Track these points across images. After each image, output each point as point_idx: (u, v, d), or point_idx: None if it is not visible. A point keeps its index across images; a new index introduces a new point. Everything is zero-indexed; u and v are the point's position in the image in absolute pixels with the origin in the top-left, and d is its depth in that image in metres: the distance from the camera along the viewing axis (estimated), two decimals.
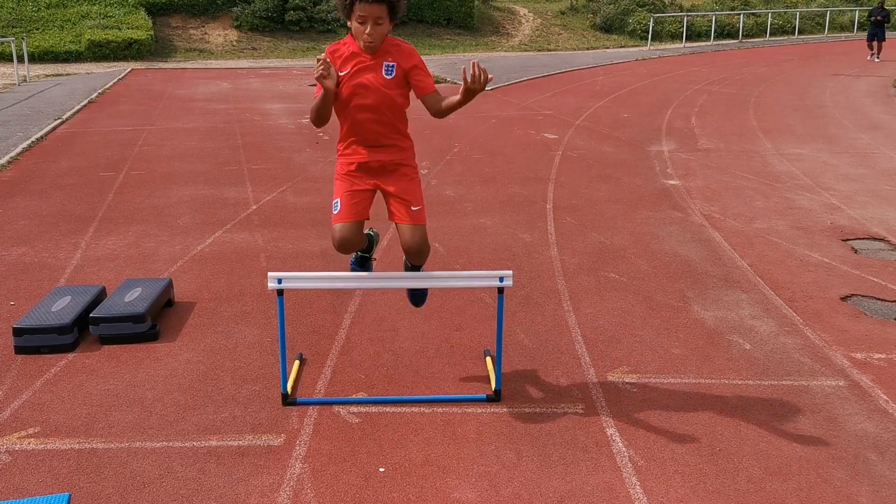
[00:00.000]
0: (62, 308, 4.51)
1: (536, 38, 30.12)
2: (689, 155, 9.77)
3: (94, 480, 3.18)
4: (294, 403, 3.77)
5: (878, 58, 22.76)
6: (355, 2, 3.47)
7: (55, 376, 4.07)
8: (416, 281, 3.85)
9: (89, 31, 23.79)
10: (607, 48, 29.01)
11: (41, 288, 5.29)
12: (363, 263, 4.11)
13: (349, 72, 3.66)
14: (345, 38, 3.76)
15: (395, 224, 3.83)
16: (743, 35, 32.18)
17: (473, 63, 3.38)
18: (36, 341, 4.29)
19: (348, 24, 3.65)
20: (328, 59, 3.53)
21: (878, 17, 22.43)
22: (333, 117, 3.85)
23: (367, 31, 3.52)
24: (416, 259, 3.88)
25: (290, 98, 15.45)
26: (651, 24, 29.45)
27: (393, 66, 3.64)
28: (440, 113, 3.69)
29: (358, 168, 3.84)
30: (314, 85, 3.65)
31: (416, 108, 3.97)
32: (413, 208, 3.78)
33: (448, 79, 18.77)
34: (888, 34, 24.76)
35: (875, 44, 22.71)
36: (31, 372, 4.11)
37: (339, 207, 3.78)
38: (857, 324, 4.70)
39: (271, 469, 3.26)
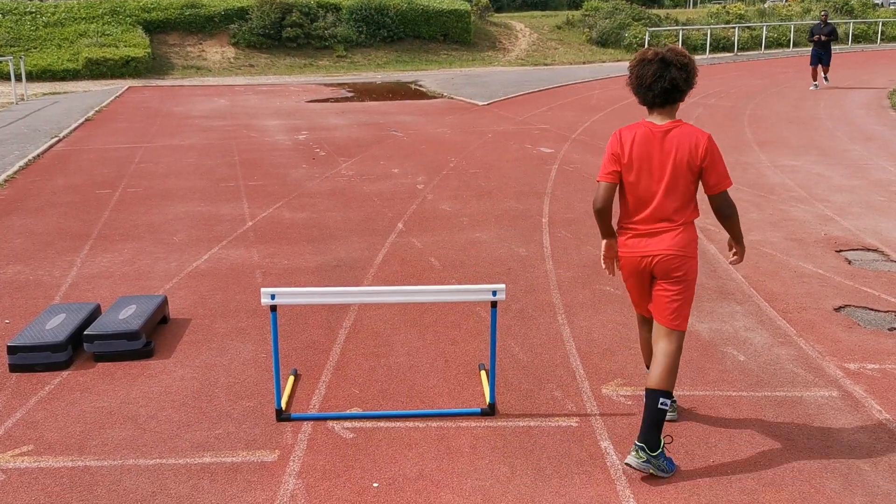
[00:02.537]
0: (56, 326, 4.52)
1: (533, 53, 30.27)
2: None
3: (88, 498, 3.18)
4: (288, 419, 3.77)
5: (826, 79, 18.76)
6: None
7: (49, 394, 4.07)
8: (409, 296, 3.86)
9: (87, 49, 23.89)
10: (603, 62, 29.15)
11: (36, 306, 5.30)
12: None
13: None
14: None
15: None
16: (738, 48, 32.35)
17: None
18: (30, 359, 4.29)
19: None
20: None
21: (822, 36, 18.18)
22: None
23: None
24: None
25: (287, 115, 15.51)
26: (647, 38, 29.61)
27: None
28: None
29: None
30: None
31: (414, 122, 3.98)
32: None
33: (445, 94, 18.85)
34: (835, 49, 20.53)
35: (820, 68, 18.58)
36: (25, 390, 4.11)
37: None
38: (850, 334, 4.71)
39: (265, 485, 3.26)
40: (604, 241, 3.55)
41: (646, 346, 3.72)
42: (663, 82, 3.34)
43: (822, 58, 18.48)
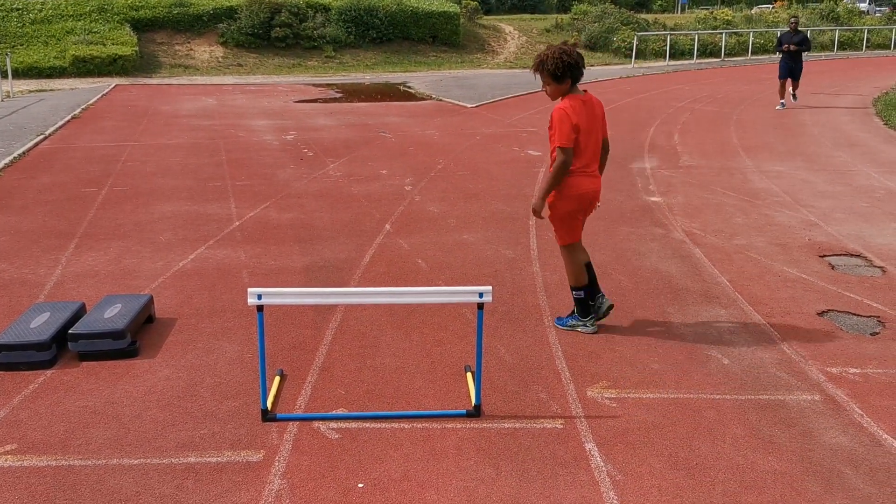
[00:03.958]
0: (41, 324, 4.50)
1: (521, 56, 30.35)
2: (671, 172, 9.86)
3: (71, 498, 3.16)
4: (274, 419, 3.77)
5: (794, 96, 16.33)
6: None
7: (33, 393, 4.05)
8: (395, 297, 3.87)
9: (74, 46, 23.76)
10: (592, 66, 29.25)
11: (20, 304, 5.27)
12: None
13: None
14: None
15: None
16: (725, 54, 32.56)
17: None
18: (14, 358, 4.27)
19: None
20: None
21: (792, 46, 15.68)
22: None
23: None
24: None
25: (276, 114, 15.48)
26: (635, 43, 29.75)
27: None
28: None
29: None
30: None
31: (403, 124, 3.99)
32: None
33: (433, 96, 18.87)
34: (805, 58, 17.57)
35: (789, 83, 16.12)
36: (9, 389, 4.09)
37: None
38: (833, 339, 4.75)
39: (250, 485, 3.25)
40: (553, 192, 4.61)
41: (581, 264, 4.81)
42: (584, 64, 4.60)
43: (792, 71, 15.91)
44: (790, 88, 16.16)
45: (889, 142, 12.39)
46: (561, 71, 4.48)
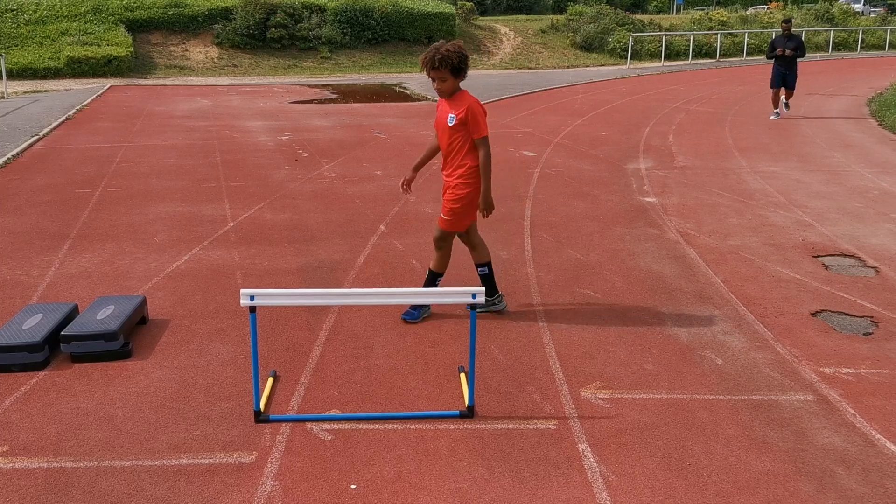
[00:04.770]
0: (33, 326, 4.48)
1: (517, 57, 30.36)
2: (666, 172, 9.87)
3: (63, 500, 3.15)
4: (266, 421, 3.76)
5: (787, 105, 15.11)
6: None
7: (25, 395, 4.03)
8: (389, 297, 3.86)
9: (69, 47, 23.71)
10: (587, 67, 29.28)
11: (13, 306, 5.25)
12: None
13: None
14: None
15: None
16: (720, 55, 32.62)
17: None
18: (6, 359, 4.25)
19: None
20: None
21: (789, 49, 14.30)
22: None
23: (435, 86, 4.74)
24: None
25: (271, 115, 15.46)
26: (630, 44, 29.79)
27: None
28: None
29: None
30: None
31: (398, 125, 3.99)
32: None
33: (429, 97, 18.87)
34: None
35: (783, 91, 14.78)
36: (1, 390, 4.07)
37: None
38: (826, 339, 4.76)
39: (242, 487, 3.25)
40: (471, 184, 4.85)
41: (449, 251, 5.05)
42: None
43: (786, 78, 14.50)
44: (783, 97, 15.05)
45: (883, 142, 12.42)
46: (464, 65, 4.63)
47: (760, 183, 9.25)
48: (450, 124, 4.72)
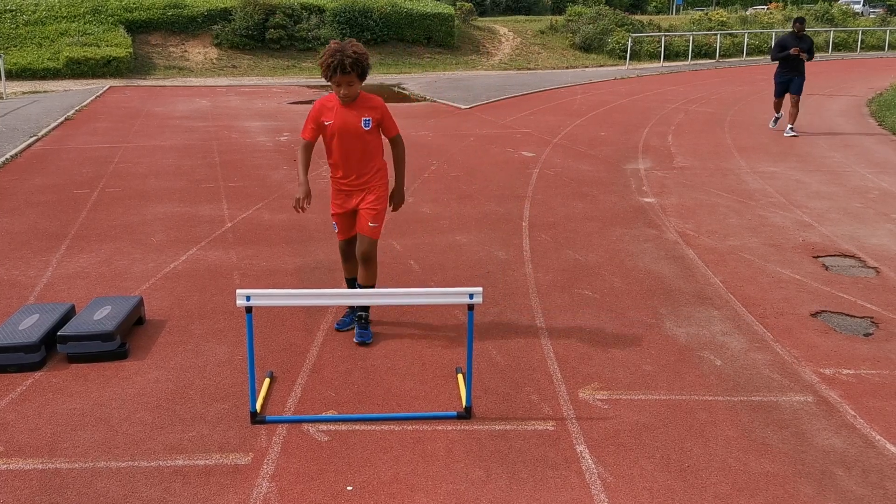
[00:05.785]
0: (30, 326, 4.46)
1: (516, 57, 30.35)
2: (665, 173, 9.85)
3: (58, 501, 3.13)
4: (263, 422, 3.74)
5: (794, 131, 12.91)
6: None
7: (21, 395, 4.01)
8: (387, 298, 3.83)
9: (68, 48, 23.68)
10: (586, 67, 29.27)
11: (10, 306, 5.23)
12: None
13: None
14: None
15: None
16: (720, 55, 32.61)
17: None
18: (2, 360, 4.23)
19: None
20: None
21: (803, 53, 12.69)
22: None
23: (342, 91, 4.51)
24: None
25: (269, 116, 15.44)
26: (630, 44, 29.78)
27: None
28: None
29: None
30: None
31: (397, 125, 3.97)
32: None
33: (428, 97, 18.85)
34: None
35: (789, 98, 12.95)
36: None
37: None
38: (826, 340, 4.74)
39: (238, 488, 3.23)
40: (387, 183, 4.86)
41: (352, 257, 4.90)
42: None
43: (791, 83, 12.85)
44: (786, 110, 13.41)
45: (883, 142, 12.40)
46: (369, 67, 4.55)
47: (760, 183, 9.24)
48: (366, 128, 4.55)
